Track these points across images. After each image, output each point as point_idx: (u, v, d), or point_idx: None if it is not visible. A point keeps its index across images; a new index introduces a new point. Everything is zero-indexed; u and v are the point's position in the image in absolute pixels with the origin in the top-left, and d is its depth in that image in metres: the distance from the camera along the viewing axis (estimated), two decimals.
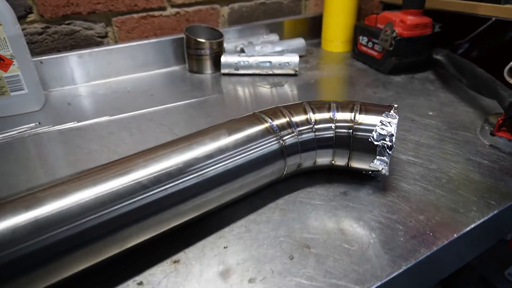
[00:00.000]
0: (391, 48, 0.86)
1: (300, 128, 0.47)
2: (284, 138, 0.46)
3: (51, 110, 0.78)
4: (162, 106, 0.77)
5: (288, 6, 1.20)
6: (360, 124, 0.47)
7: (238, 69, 0.91)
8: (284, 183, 0.49)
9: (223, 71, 0.92)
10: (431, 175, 0.51)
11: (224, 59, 0.91)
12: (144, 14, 0.96)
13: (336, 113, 0.49)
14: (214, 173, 0.40)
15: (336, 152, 0.49)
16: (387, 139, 0.45)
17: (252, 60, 0.90)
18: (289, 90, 0.84)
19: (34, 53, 0.86)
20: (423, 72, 0.94)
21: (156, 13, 0.98)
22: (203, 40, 0.91)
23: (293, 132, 0.47)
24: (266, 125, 0.46)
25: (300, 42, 1.03)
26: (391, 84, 0.87)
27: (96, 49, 0.89)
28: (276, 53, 0.92)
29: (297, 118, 0.49)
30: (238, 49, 1.00)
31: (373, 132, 0.46)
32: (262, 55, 0.91)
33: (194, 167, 0.39)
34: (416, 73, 0.93)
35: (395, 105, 0.50)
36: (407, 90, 0.84)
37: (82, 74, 0.89)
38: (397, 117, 0.47)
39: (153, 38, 0.96)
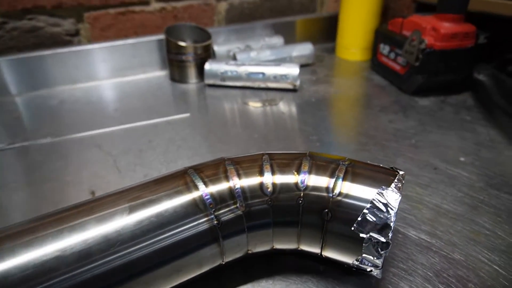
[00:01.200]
0: (417, 64, 0.67)
1: (250, 201, 0.31)
2: (221, 215, 0.32)
3: None
4: (122, 125, 0.64)
5: (301, 2, 1.02)
6: (341, 200, 0.31)
7: (224, 80, 0.76)
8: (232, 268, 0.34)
9: (207, 81, 0.77)
10: (452, 272, 0.36)
11: (208, 67, 0.76)
12: (122, 9, 0.82)
13: (307, 177, 0.32)
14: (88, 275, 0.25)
15: (302, 235, 0.33)
16: (379, 232, 0.28)
17: (241, 70, 0.74)
18: (284, 110, 0.69)
19: None
20: (459, 94, 0.74)
21: (137, 8, 0.84)
22: (183, 44, 0.76)
23: (236, 206, 0.31)
24: (195, 195, 0.31)
25: (307, 47, 0.86)
26: (415, 109, 0.69)
27: (61, 50, 0.76)
28: (272, 63, 0.75)
29: (246, 182, 0.32)
30: (231, 54, 0.84)
31: (360, 217, 0.29)
32: (254, 65, 0.75)
33: (58, 272, 0.24)
34: (449, 95, 0.73)
35: (401, 172, 0.33)
36: (435, 119, 0.65)
37: (44, 78, 0.76)
38: (400, 195, 0.30)
39: (132, 38, 0.82)
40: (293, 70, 0.74)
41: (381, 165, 0.35)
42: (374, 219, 0.30)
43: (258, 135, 0.60)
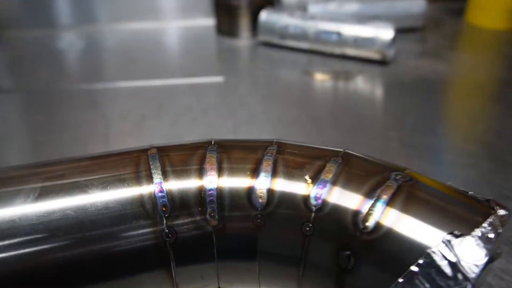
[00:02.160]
0: None
1: (229, 213, 0.27)
2: (178, 226, 0.27)
3: None
4: (131, 82, 0.63)
5: None
6: (377, 240, 0.24)
7: (284, 38, 0.71)
8: None
9: (261, 37, 0.73)
10: None
11: (264, 17, 0.71)
12: None
13: (327, 189, 0.27)
14: None
15: (304, 282, 0.28)
16: None
17: (309, 26, 0.69)
18: (361, 89, 0.64)
19: None
20: None
21: None
22: None
23: (203, 216, 0.27)
24: (144, 189, 0.27)
25: (416, 3, 0.76)
26: None
27: None
28: (354, 20, 0.68)
29: (228, 182, 0.27)
30: (303, 4, 0.78)
31: (402, 279, 0.23)
32: (328, 20, 0.68)
33: None
34: None
35: (501, 211, 0.24)
36: None
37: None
38: (488, 252, 0.23)
39: None
40: (385, 33, 0.65)
41: (470, 193, 0.26)
42: (428, 287, 0.22)
43: (313, 120, 0.55)
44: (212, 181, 0.27)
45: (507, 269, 0.35)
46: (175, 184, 0.27)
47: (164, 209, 0.26)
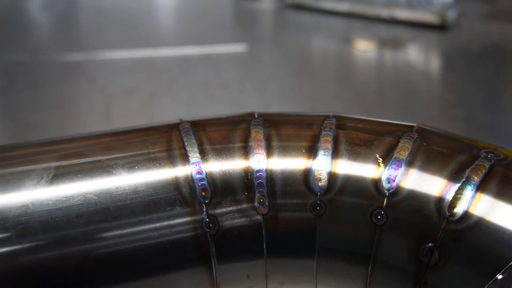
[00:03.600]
0: None
1: (282, 200, 0.28)
2: (221, 215, 0.28)
3: None
4: (139, 50, 0.65)
5: None
6: (467, 229, 0.25)
7: None
8: None
9: None
10: None
11: None
12: None
13: (402, 170, 0.27)
14: None
15: (373, 283, 0.28)
16: None
17: None
18: (415, 60, 0.65)
19: None
20: None
21: None
22: None
23: (251, 204, 0.28)
24: (179, 171, 0.28)
25: None
26: None
27: None
28: None
29: (280, 164, 0.29)
30: None
31: (501, 275, 0.24)
32: None
33: None
34: None
35: None
36: None
37: None
38: None
39: None
40: None
41: None
42: None
43: (357, 97, 0.56)
44: (260, 160, 0.28)
45: None
46: (216, 165, 0.28)
47: (204, 194, 0.27)
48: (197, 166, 0.28)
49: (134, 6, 0.76)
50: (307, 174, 0.28)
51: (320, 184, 0.27)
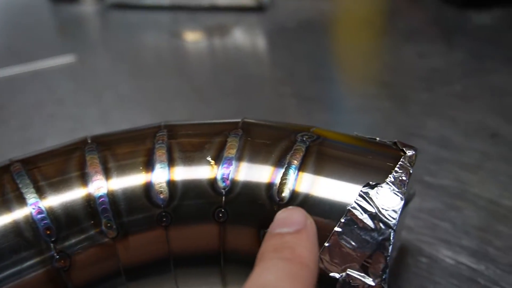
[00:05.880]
0: None
1: (128, 218, 0.29)
2: (71, 246, 0.28)
3: None
4: None
5: None
6: (305, 201, 0.27)
7: None
8: None
9: None
10: None
11: None
12: None
13: (234, 167, 0.29)
14: None
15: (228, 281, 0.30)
16: (364, 270, 0.26)
17: None
18: (241, 43, 0.68)
19: None
20: None
21: None
22: None
23: (98, 229, 0.29)
24: (18, 215, 0.27)
25: None
26: (465, 32, 0.68)
27: None
28: None
29: (120, 183, 0.30)
30: None
31: (327, 242, 0.26)
32: None
33: None
34: None
35: (409, 151, 0.29)
36: (500, 48, 0.62)
37: None
38: (403, 197, 0.27)
39: None
40: None
41: (377, 140, 0.31)
42: (354, 244, 0.26)
43: (195, 89, 0.58)
44: (100, 185, 0.28)
45: (422, 208, 0.42)
46: (56, 199, 0.27)
47: (49, 232, 0.27)
48: (36, 206, 0.27)
49: None
50: (148, 189, 0.28)
51: (162, 197, 0.28)
